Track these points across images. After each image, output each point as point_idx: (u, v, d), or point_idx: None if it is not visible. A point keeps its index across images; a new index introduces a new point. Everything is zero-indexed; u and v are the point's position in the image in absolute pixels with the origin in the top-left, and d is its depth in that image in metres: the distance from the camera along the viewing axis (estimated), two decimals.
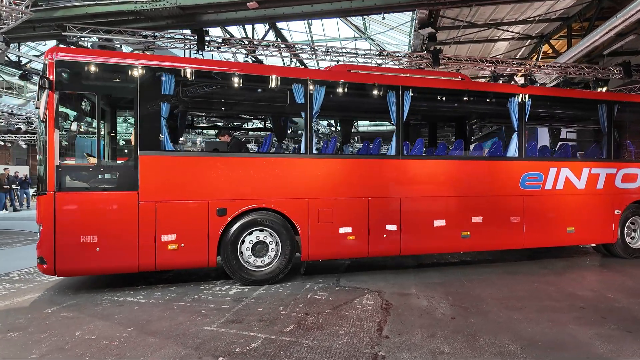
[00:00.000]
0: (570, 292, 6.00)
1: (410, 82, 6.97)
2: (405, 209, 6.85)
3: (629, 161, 8.46)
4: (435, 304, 5.48)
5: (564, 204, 7.82)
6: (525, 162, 7.62)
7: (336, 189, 6.54)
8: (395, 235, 6.80)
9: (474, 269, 7.53)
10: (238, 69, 6.29)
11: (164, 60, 6.02)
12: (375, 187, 6.75)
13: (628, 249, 8.34)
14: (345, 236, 6.55)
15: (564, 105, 8.22)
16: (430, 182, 7.05)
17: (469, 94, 7.47)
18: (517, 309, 5.24)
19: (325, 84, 6.52)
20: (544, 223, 7.67)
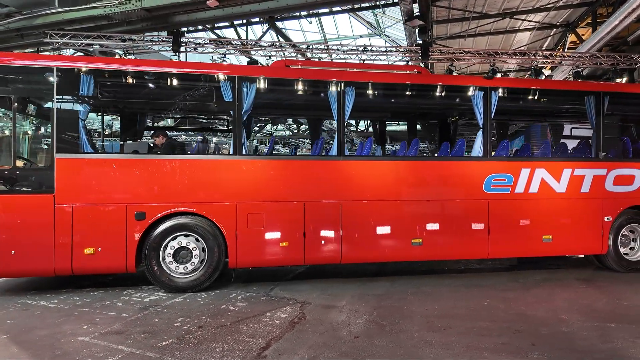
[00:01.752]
0: (519, 312, 5.24)
1: (354, 77, 6.44)
2: (347, 214, 6.33)
3: (623, 161, 7.39)
4: (353, 319, 4.96)
5: (539, 210, 6.93)
6: (490, 163, 6.82)
7: (268, 192, 6.15)
8: (334, 242, 6.30)
9: (434, 280, 6.85)
10: (159, 67, 6.06)
11: (79, 61, 5.92)
12: (312, 190, 6.28)
13: (622, 261, 7.27)
14: (278, 243, 6.14)
15: (542, 99, 7.29)
16: (376, 185, 6.47)
17: (426, 89, 6.80)
18: (439, 330, 4.62)
19: (257, 80, 6.16)
20: (514, 231, 6.83)
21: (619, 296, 5.91)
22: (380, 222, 6.43)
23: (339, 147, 6.35)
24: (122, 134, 7.05)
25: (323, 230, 6.26)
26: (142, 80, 5.99)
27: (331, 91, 6.34)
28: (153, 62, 6.42)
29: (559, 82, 7.58)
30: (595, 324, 4.80)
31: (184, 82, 6.06)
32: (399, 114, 8.11)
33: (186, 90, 6.06)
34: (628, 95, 7.51)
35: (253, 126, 7.85)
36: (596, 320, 4.89)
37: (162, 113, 7.28)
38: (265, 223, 6.09)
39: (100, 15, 9.52)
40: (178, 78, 6.02)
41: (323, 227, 6.27)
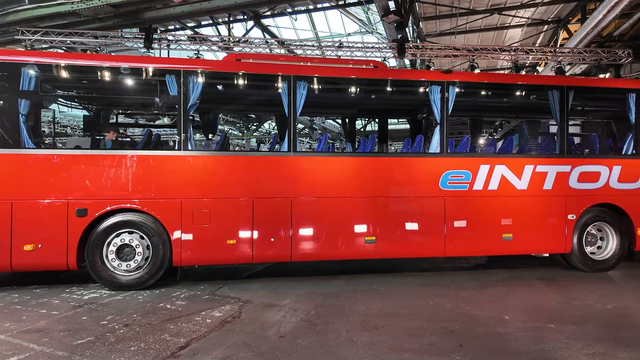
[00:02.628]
0: (464, 312, 5.07)
1: (304, 71, 6.30)
2: (298, 212, 6.19)
3: (588, 157, 7.17)
4: (287, 318, 4.83)
5: (498, 208, 6.74)
6: (446, 159, 6.64)
7: (215, 189, 6.02)
8: (285, 240, 6.17)
9: (392, 278, 6.69)
10: (98, 61, 5.96)
11: (18, 54, 5.84)
12: (262, 187, 6.15)
13: (587, 261, 7.05)
14: (225, 240, 6.02)
15: (504, 93, 7.09)
16: (329, 182, 6.31)
17: (382, 84, 6.62)
18: (371, 330, 4.47)
19: (204, 74, 6.03)
20: (472, 229, 6.65)
21: (573, 296, 5.71)
22: (332, 220, 6.28)
23: (290, 143, 6.21)
24: (61, 129, 6.96)
25: (272, 228, 6.13)
26: (82, 75, 5.90)
27: (281, 85, 6.20)
28: (93, 55, 6.32)
29: (522, 76, 7.33)
30: (535, 324, 4.62)
31: (130, 76, 5.95)
32: (356, 110, 7.92)
33: (130, 84, 5.96)
34: (594, 90, 7.29)
35: (214, 121, 7.65)
36: (538, 321, 4.71)
37: (107, 108, 7.18)
38: (211, 220, 5.97)
39: (68, 12, 9.46)
40: (121, 72, 5.92)
41: (273, 224, 6.13)
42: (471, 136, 7.46)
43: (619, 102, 7.34)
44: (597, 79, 8.08)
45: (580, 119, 8.29)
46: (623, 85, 7.38)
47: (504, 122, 9.99)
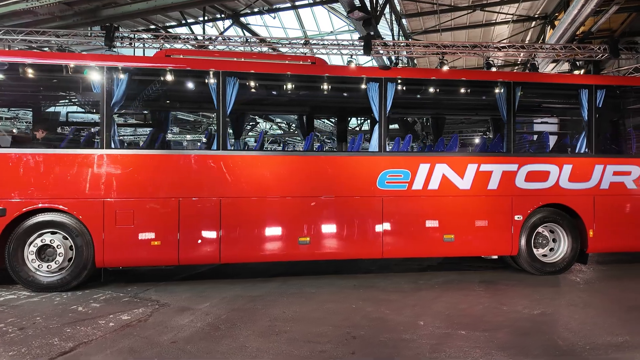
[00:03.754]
0: (381, 316, 4.87)
1: (235, 67, 6.12)
2: (227, 212, 6.02)
3: (536, 156, 6.91)
4: (194, 322, 4.67)
5: (439, 208, 6.51)
6: (385, 158, 6.43)
7: (139, 188, 5.86)
8: (213, 241, 6.00)
9: (329, 281, 6.48)
10: (15, 57, 5.80)
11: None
12: (189, 186, 5.98)
13: (535, 263, 6.79)
14: (149, 242, 5.87)
15: (449, 90, 6.83)
16: (261, 182, 6.13)
17: (320, 80, 6.42)
18: (272, 335, 4.29)
19: (129, 71, 5.89)
20: (411, 230, 6.44)
21: (505, 301, 5.47)
22: (264, 220, 6.11)
23: (219, 141, 6.04)
24: None
25: (200, 229, 5.97)
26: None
27: (211, 81, 6.03)
28: (10, 52, 6.20)
29: (467, 72, 7.08)
30: (447, 331, 4.41)
31: (47, 73, 5.83)
32: (294, 107, 7.71)
33: (52, 81, 5.84)
34: (543, 86, 7.02)
35: (165, 119, 7.49)
36: (452, 327, 4.50)
37: (32, 105, 7.07)
38: (135, 221, 5.83)
39: (23, 10, 9.40)
40: (39, 69, 5.79)
41: (200, 225, 5.97)
42: (414, 135, 7.23)
43: (571, 98, 7.09)
44: (545, 74, 7.86)
45: (531, 116, 8.03)
46: (574, 80, 7.12)
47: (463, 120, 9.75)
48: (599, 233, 6.86)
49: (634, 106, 7.58)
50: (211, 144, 6.16)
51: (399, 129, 12.02)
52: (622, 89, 7.28)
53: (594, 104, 6.87)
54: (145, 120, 6.91)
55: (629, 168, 6.98)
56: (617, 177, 6.94)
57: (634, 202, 6.99)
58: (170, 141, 7.13)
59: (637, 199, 6.99)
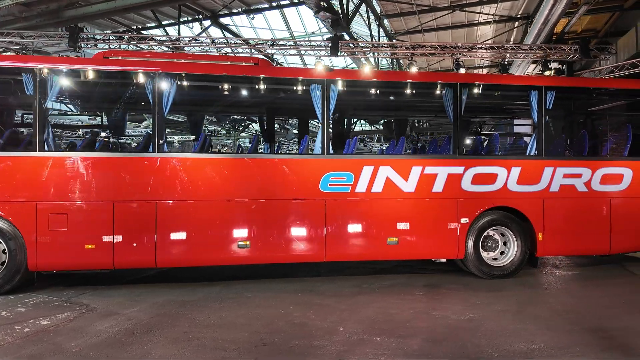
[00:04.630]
0: (302, 322, 4.77)
1: (173, 68, 6.05)
2: (163, 215, 5.94)
3: (483, 158, 6.82)
4: (111, 328, 4.61)
5: (383, 211, 6.43)
6: (327, 161, 6.35)
7: (72, 191, 5.78)
8: (148, 245, 5.93)
9: (268, 285, 6.39)
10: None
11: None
12: (123, 189, 5.91)
13: (483, 267, 6.69)
14: (83, 245, 5.80)
15: (394, 92, 6.76)
16: (199, 184, 6.05)
17: (263, 82, 6.32)
18: (183, 342, 4.21)
19: (61, 72, 5.82)
20: (355, 233, 6.36)
21: (439, 306, 5.38)
22: (202, 224, 6.03)
23: (155, 143, 5.97)
24: None
25: (135, 233, 5.90)
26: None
27: (148, 82, 5.96)
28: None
29: (412, 74, 6.95)
30: (362, 337, 4.33)
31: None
32: (238, 109, 7.61)
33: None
34: (492, 87, 6.91)
35: (122, 121, 7.40)
36: (369, 334, 4.41)
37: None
38: (68, 224, 5.76)
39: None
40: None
41: (135, 229, 5.90)
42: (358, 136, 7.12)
43: (522, 100, 7.00)
44: (495, 75, 7.77)
45: (482, 118, 7.93)
46: (522, 82, 7.02)
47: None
48: (548, 236, 6.78)
49: (585, 108, 7.50)
50: (148, 146, 6.09)
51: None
52: (573, 90, 7.19)
53: (543, 105, 6.78)
54: (85, 122, 6.83)
55: (580, 170, 6.89)
56: (567, 180, 6.85)
57: (584, 205, 6.89)
58: (111, 143, 7.02)
59: (588, 202, 6.90)
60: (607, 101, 7.62)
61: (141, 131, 22.34)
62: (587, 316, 4.95)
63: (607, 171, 6.95)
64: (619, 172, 6.99)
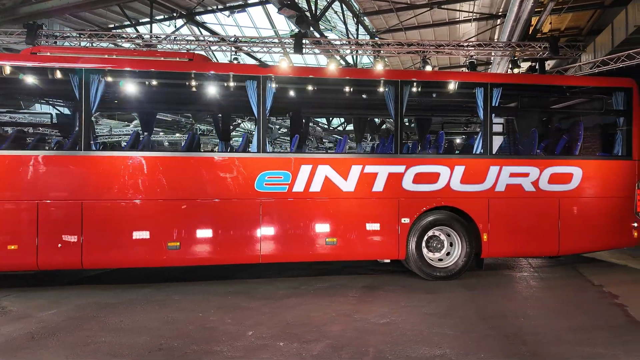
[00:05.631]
0: (213, 327, 4.60)
1: (100, 64, 5.87)
2: (89, 216, 5.77)
3: (425, 157, 6.65)
4: (16, 332, 4.47)
5: (321, 211, 6.27)
6: (264, 159, 6.19)
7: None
8: (74, 245, 5.76)
9: (203, 287, 6.20)
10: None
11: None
12: (47, 188, 5.74)
13: (425, 268, 6.52)
14: (5, 246, 5.64)
15: (334, 90, 6.58)
16: (127, 183, 5.87)
17: (198, 78, 6.18)
18: (81, 346, 4.06)
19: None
20: (291, 233, 6.20)
21: (364, 309, 5.19)
22: (129, 224, 5.86)
23: (81, 140, 5.80)
24: None
25: (60, 233, 5.73)
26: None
27: (74, 79, 5.79)
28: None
29: (353, 70, 6.76)
30: (267, 342, 4.15)
31: None
32: (175, 106, 7.43)
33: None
34: (435, 85, 6.73)
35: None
36: (276, 338, 4.23)
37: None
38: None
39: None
40: None
41: (60, 229, 5.73)
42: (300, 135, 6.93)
43: (468, 97, 6.83)
44: (437, 72, 7.60)
45: (422, 115, 7.75)
46: (467, 78, 6.84)
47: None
48: (494, 237, 6.61)
49: (536, 105, 7.33)
50: (76, 144, 5.93)
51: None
52: (521, 87, 7.02)
53: (489, 103, 6.61)
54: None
55: (527, 169, 6.72)
56: (514, 179, 6.68)
57: (532, 205, 6.72)
58: (39, 140, 6.85)
59: (535, 201, 6.73)
60: (559, 99, 7.46)
61: (129, 131, 22.19)
62: (511, 320, 4.78)
63: (556, 170, 6.79)
64: (568, 171, 6.83)
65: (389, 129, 6.58)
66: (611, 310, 5.07)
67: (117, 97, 6.35)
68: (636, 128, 7.01)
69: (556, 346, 3.99)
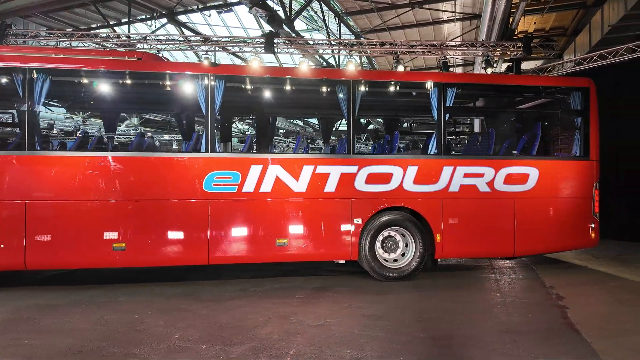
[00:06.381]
0: (142, 329, 4.53)
1: (43, 63, 5.82)
2: (34, 216, 5.70)
3: (377, 157, 6.60)
4: None
5: (272, 211, 6.22)
6: (213, 159, 6.13)
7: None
8: (17, 246, 5.68)
9: (152, 289, 6.13)
10: None
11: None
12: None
13: (377, 268, 6.45)
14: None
15: (282, 90, 6.49)
16: (71, 183, 5.79)
17: (147, 77, 6.13)
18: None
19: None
20: (241, 234, 6.13)
21: (304, 311, 5.10)
22: (73, 224, 5.81)
23: (25, 140, 5.74)
24: None
25: (2, 234, 5.67)
26: None
27: (17, 78, 5.72)
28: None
29: (305, 70, 6.65)
30: (188, 345, 4.09)
31: None
32: (125, 105, 7.35)
33: None
34: (388, 84, 6.67)
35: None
36: (199, 341, 4.15)
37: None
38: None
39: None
40: None
41: (3, 229, 5.68)
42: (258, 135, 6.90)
43: (424, 97, 6.78)
44: (390, 72, 7.55)
45: (376, 116, 7.71)
46: (422, 79, 6.77)
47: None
48: (447, 238, 6.56)
49: (491, 105, 7.27)
50: (20, 143, 5.86)
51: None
52: (476, 87, 6.98)
53: (443, 103, 6.57)
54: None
55: (481, 170, 6.67)
56: (468, 180, 6.63)
57: (486, 205, 6.67)
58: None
59: (490, 202, 6.68)
60: (517, 99, 7.41)
61: (123, 130, 21.98)
62: (447, 323, 4.72)
63: (511, 171, 6.74)
64: (524, 172, 6.78)
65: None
66: (551, 312, 5.01)
67: (63, 97, 6.28)
68: (593, 128, 6.98)
69: (479, 349, 3.94)
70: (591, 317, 4.93)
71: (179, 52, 16.68)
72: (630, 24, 12.35)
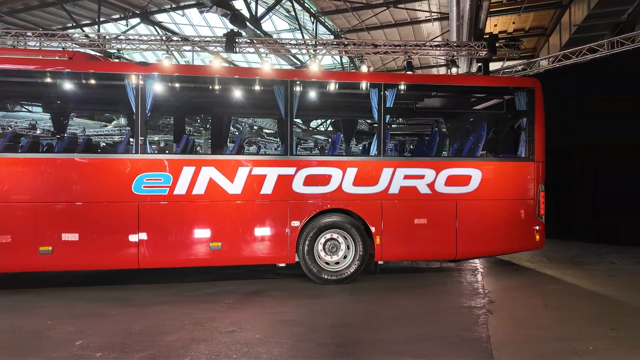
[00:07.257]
0: (46, 335, 4.41)
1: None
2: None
3: (315, 158, 6.49)
4: None
5: (204, 214, 6.11)
6: (142, 160, 6.00)
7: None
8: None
9: (87, 292, 6.04)
10: None
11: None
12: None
13: (316, 272, 6.32)
14: None
15: (220, 89, 6.38)
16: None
17: (76, 77, 5.99)
18: None
19: None
20: (172, 237, 6.02)
21: (223, 317, 4.96)
22: None
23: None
24: None
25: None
26: None
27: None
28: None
29: (241, 69, 6.55)
30: (86, 352, 3.97)
31: None
32: (53, 104, 7.19)
33: None
34: (322, 85, 6.52)
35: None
36: (98, 349, 4.04)
37: None
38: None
39: None
40: None
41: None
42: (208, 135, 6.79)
43: (365, 98, 6.68)
44: (329, 72, 7.45)
45: (317, 116, 7.61)
46: (361, 79, 6.67)
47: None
48: (386, 240, 6.47)
49: (435, 106, 7.18)
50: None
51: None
52: (418, 87, 6.87)
53: (382, 104, 6.47)
54: None
55: (422, 171, 6.57)
56: (408, 181, 6.53)
57: (427, 207, 6.58)
58: None
59: (431, 204, 6.58)
60: (463, 99, 7.32)
61: (109, 130, 21.91)
62: (360, 329, 4.62)
63: (453, 172, 6.65)
64: (466, 173, 6.69)
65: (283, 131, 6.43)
66: (472, 318, 4.88)
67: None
68: (539, 129, 6.90)
69: (378, 357, 3.84)
70: (508, 322, 4.84)
71: (149, 53, 16.59)
72: (594, 23, 12.34)
